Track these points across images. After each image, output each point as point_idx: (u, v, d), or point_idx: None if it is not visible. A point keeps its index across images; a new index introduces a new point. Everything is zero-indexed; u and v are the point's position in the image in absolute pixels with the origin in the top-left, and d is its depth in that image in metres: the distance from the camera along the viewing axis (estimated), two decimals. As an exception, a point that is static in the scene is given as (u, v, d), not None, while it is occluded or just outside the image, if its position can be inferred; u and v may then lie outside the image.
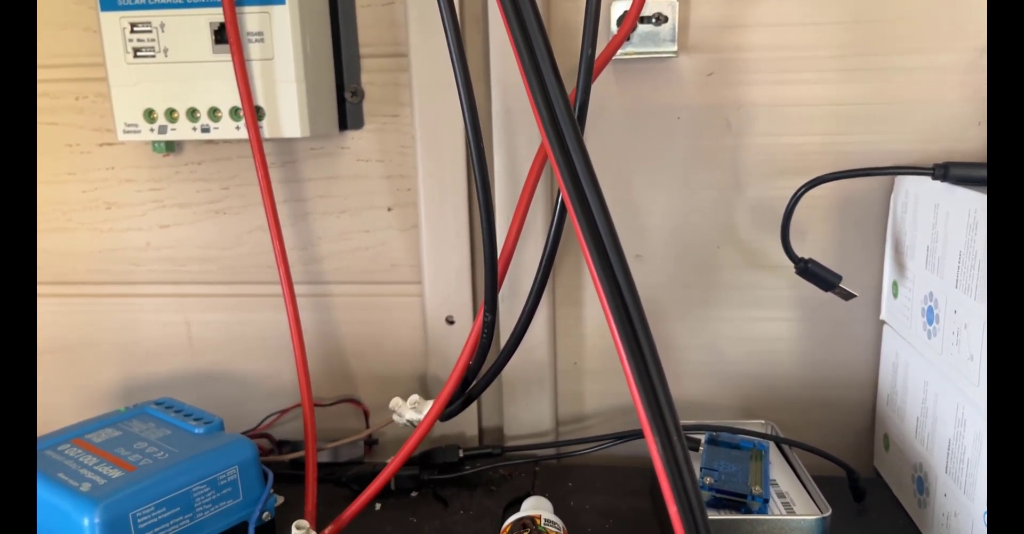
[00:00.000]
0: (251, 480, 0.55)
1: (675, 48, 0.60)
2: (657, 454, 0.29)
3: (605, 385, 0.70)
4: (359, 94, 0.65)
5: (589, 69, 0.45)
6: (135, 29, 0.59)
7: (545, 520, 0.52)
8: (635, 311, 0.29)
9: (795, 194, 0.58)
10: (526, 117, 0.62)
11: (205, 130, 0.60)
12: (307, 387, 0.62)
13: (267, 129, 0.59)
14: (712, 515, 0.51)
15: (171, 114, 0.60)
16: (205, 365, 0.73)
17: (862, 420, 0.67)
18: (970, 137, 0.61)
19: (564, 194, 0.30)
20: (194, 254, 0.70)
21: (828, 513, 0.51)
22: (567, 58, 0.62)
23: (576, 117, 0.46)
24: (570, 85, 0.63)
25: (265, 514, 0.55)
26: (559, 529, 0.52)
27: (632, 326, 0.30)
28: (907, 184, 0.59)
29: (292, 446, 0.69)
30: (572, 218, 0.30)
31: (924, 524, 0.56)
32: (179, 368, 0.73)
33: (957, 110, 0.60)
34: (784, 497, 0.54)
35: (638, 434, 0.61)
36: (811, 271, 0.59)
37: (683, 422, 0.61)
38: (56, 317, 0.73)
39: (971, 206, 0.49)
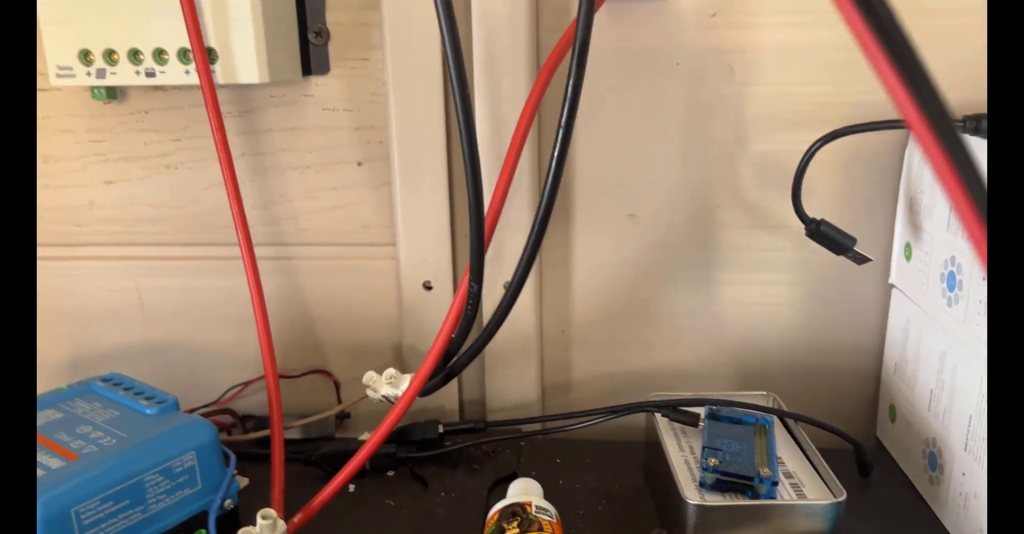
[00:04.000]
0: (210, 465, 0.50)
1: (677, -15, 0.54)
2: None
3: (594, 353, 0.65)
4: (324, 35, 0.58)
5: (591, 3, 0.39)
6: (65, -43, 0.51)
7: (536, 507, 0.48)
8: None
9: (809, 149, 0.53)
10: (511, 60, 0.56)
11: (150, 74, 0.53)
12: (271, 357, 0.56)
13: (220, 74, 0.53)
14: (717, 500, 0.47)
15: (110, 55, 0.53)
16: (160, 334, 0.67)
17: (865, 388, 0.64)
18: (994, 86, 0.56)
19: None
20: (144, 213, 0.64)
21: (842, 497, 0.47)
22: (557, -5, 0.56)
23: (578, 58, 0.41)
24: (563, 26, 0.57)
25: (227, 502, 0.50)
26: (552, 517, 0.48)
27: None
28: (926, 138, 0.54)
29: (256, 421, 0.64)
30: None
31: (937, 503, 0.53)
32: (131, 338, 0.67)
33: (980, 56, 0.55)
34: (792, 478, 0.50)
35: (629, 409, 0.57)
36: (823, 233, 0.54)
37: (681, 395, 0.57)
38: (-8, 283, 0.66)
39: (1007, 162, 0.44)
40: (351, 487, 0.57)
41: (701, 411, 0.55)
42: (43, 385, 0.58)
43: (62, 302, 0.66)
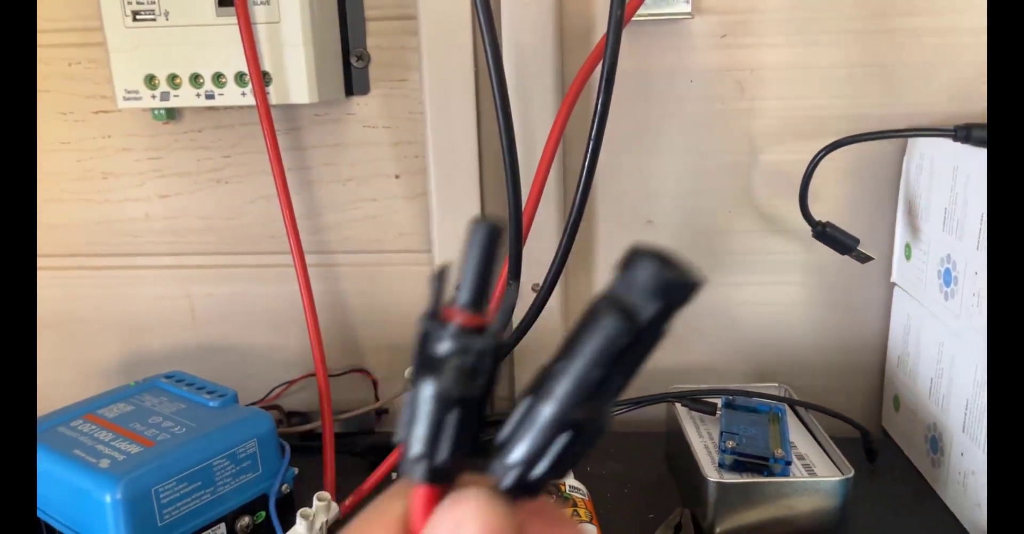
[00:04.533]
0: (269, 453, 0.54)
1: (689, 9, 0.59)
2: None
3: (615, 352, 0.69)
4: (365, 58, 0.63)
5: (619, 29, 0.44)
6: (134, -9, 0.56)
7: (570, 486, 0.52)
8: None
9: (814, 158, 0.58)
10: (540, 81, 0.61)
11: (209, 96, 0.58)
12: (321, 357, 0.61)
13: (274, 95, 0.58)
14: (735, 478, 0.52)
15: (173, 80, 0.58)
16: (208, 338, 0.72)
17: (871, 381, 0.68)
18: (985, 99, 0.60)
19: None
20: (195, 225, 0.69)
21: (851, 474, 0.51)
22: (581, 20, 0.61)
23: (607, 78, 0.45)
24: (587, 48, 0.62)
25: (284, 486, 0.55)
26: (584, 495, 0.52)
27: None
28: (921, 146, 0.59)
29: (302, 418, 0.69)
30: None
31: (939, 482, 0.57)
32: (181, 342, 0.72)
33: (972, 71, 0.60)
34: (804, 459, 0.54)
35: (652, 400, 0.61)
36: (829, 235, 0.59)
37: (698, 386, 0.62)
38: (52, 291, 0.71)
39: (995, 167, 0.49)
40: (394, 475, 0.61)
41: (718, 401, 0.59)
42: (101, 387, 0.62)
43: (118, 308, 0.71)
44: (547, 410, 0.22)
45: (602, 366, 0.22)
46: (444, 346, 0.23)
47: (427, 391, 0.23)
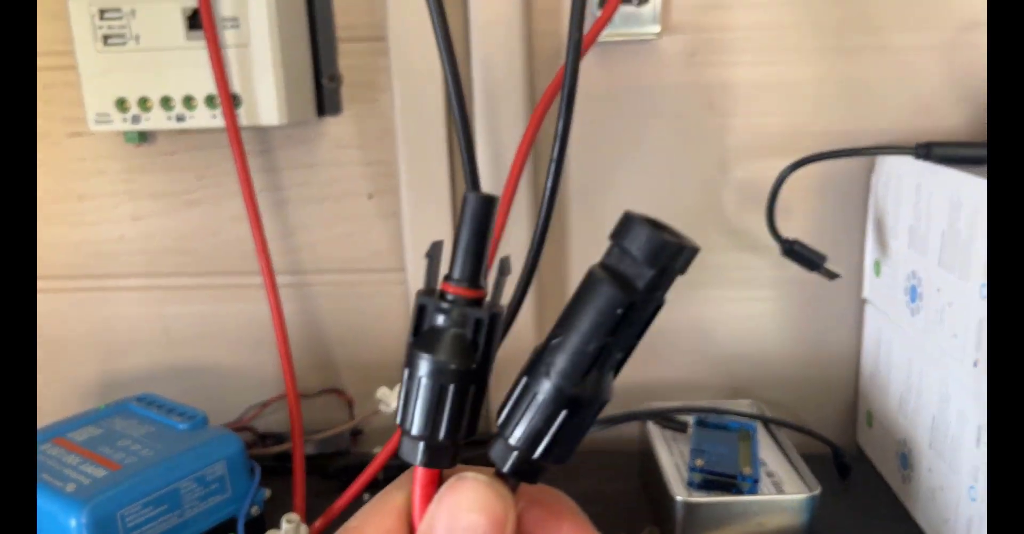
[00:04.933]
0: (238, 475, 0.54)
1: (658, 29, 0.60)
2: None
3: (590, 369, 0.69)
4: (337, 79, 0.64)
5: (577, 51, 0.45)
6: (105, 15, 0.57)
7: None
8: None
9: (779, 176, 0.58)
10: (509, 101, 0.61)
11: (180, 119, 0.58)
12: (291, 378, 0.61)
13: (244, 116, 0.58)
14: (703, 497, 0.52)
15: (144, 103, 0.58)
16: (183, 359, 0.72)
17: (845, 397, 0.68)
18: (953, 115, 0.61)
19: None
20: (169, 245, 0.69)
21: (817, 491, 0.51)
22: (551, 39, 0.62)
23: (567, 101, 0.46)
24: (555, 67, 0.62)
25: (254, 508, 0.55)
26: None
27: None
28: (888, 164, 0.60)
29: (275, 438, 0.69)
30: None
31: (909, 499, 0.57)
32: (157, 362, 0.72)
33: (939, 88, 0.61)
34: (773, 476, 0.54)
35: (624, 418, 0.61)
36: (796, 252, 0.59)
37: (670, 404, 0.62)
38: (28, 313, 0.71)
39: (954, 185, 0.49)
40: (366, 496, 0.61)
41: (690, 419, 0.59)
42: (75, 408, 0.62)
43: (94, 329, 0.71)
44: (545, 386, 0.22)
45: (600, 338, 0.21)
46: (440, 319, 0.22)
47: (424, 367, 0.22)
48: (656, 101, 0.63)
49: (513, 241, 0.64)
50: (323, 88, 0.64)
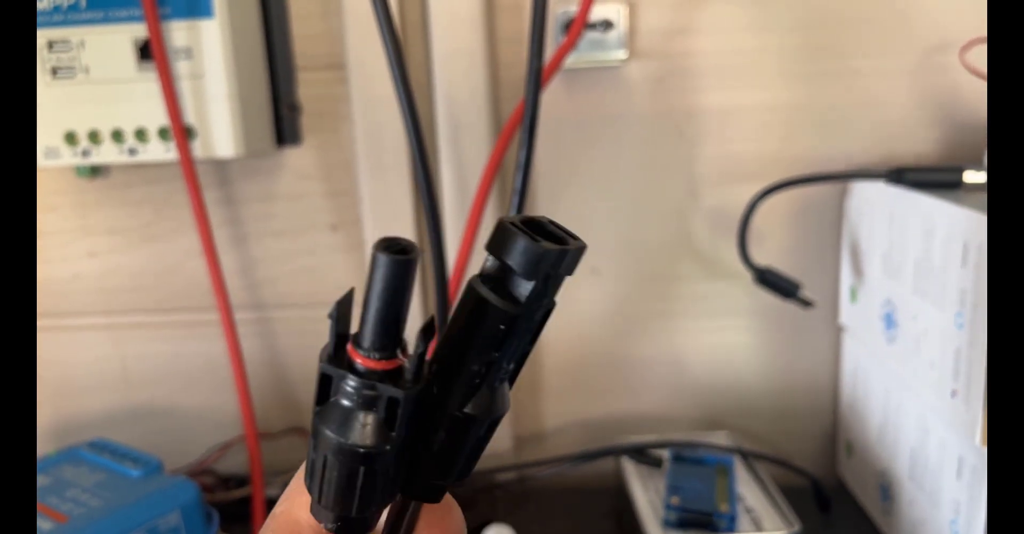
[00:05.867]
0: (194, 524, 0.51)
1: (625, 55, 0.59)
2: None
3: (564, 402, 0.68)
4: (296, 108, 0.62)
5: (537, 80, 0.44)
6: (53, 47, 0.55)
7: (509, 551, 0.50)
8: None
9: (750, 203, 0.57)
10: (473, 131, 0.60)
11: (132, 152, 0.56)
12: (250, 417, 0.58)
13: (199, 149, 0.56)
14: (681, 537, 0.50)
15: (94, 137, 0.56)
16: (143, 400, 0.69)
17: (825, 426, 0.67)
18: (924, 140, 0.60)
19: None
20: (126, 283, 0.66)
21: (797, 528, 0.50)
22: (516, 70, 0.61)
23: (528, 131, 0.45)
24: (518, 96, 0.61)
25: (211, 558, 0.52)
26: (524, 560, 0.50)
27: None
28: (861, 189, 0.59)
29: (237, 481, 0.66)
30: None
31: (892, 532, 0.55)
32: (114, 404, 0.69)
33: (909, 112, 0.60)
34: (752, 512, 0.53)
35: (597, 454, 0.60)
36: (769, 280, 0.58)
37: (646, 438, 0.60)
38: (-22, 354, 0.68)
39: (925, 211, 0.48)
40: (332, 541, 0.59)
41: (666, 453, 0.58)
42: (29, 453, 0.60)
43: (47, 371, 0.68)
44: (436, 410, 0.20)
45: (484, 355, 0.20)
46: (347, 395, 0.20)
47: (330, 445, 0.20)
48: (624, 128, 0.62)
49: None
50: (282, 118, 0.62)
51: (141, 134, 0.56)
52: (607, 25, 0.58)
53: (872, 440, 0.58)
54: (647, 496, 0.55)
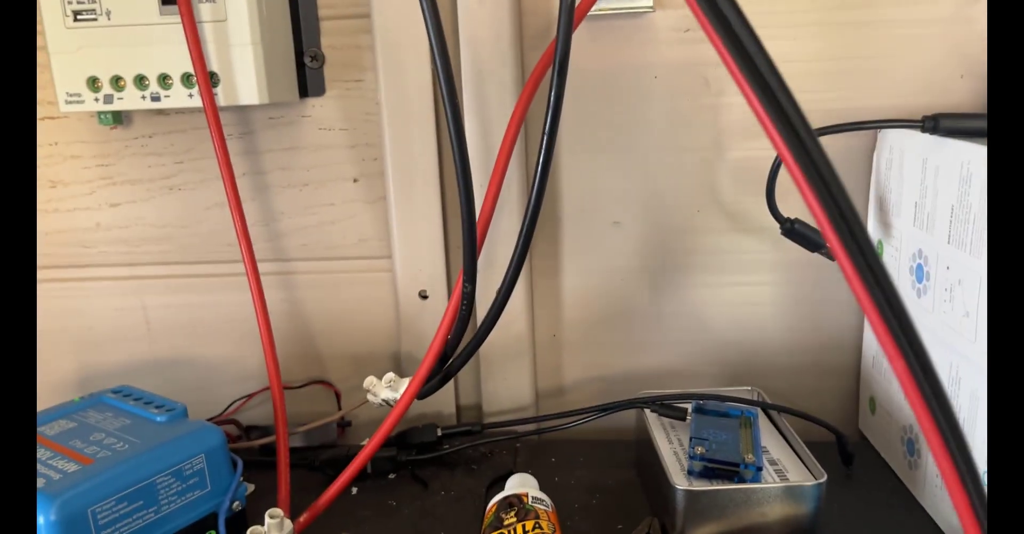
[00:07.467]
0: (219, 469, 0.52)
1: (650, 3, 0.58)
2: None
3: (584, 356, 0.67)
4: (319, 58, 0.61)
5: (570, 19, 0.43)
6: (73, -10, 0.54)
7: (532, 498, 0.50)
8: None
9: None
10: (497, 79, 0.59)
11: (155, 99, 0.56)
12: (275, 369, 0.58)
13: (223, 96, 0.56)
14: (704, 486, 0.50)
15: (117, 82, 0.56)
16: (165, 351, 0.69)
17: (847, 383, 0.66)
18: (953, 90, 0.59)
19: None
20: (149, 234, 0.66)
21: (823, 479, 0.49)
22: (540, 18, 0.60)
23: (558, 70, 0.44)
24: (545, 44, 0.60)
25: (235, 504, 0.52)
26: (547, 506, 0.50)
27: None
28: (891, 139, 0.58)
29: (261, 431, 0.66)
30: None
31: (916, 486, 0.55)
32: (137, 355, 0.69)
33: (939, 63, 0.59)
34: (776, 464, 0.52)
35: (620, 406, 0.59)
36: (797, 231, 0.57)
37: (668, 391, 0.60)
38: (2, 305, 0.69)
39: (963, 158, 0.47)
40: (354, 489, 0.59)
41: (689, 406, 0.57)
42: (53, 401, 0.60)
43: (70, 321, 0.68)
44: None
45: None
46: None
47: None
48: (650, 78, 0.61)
49: (505, 226, 0.62)
50: (305, 68, 0.61)
51: (164, 80, 0.55)
52: (636, -30, 0.57)
53: (898, 395, 0.57)
54: (671, 447, 0.55)
